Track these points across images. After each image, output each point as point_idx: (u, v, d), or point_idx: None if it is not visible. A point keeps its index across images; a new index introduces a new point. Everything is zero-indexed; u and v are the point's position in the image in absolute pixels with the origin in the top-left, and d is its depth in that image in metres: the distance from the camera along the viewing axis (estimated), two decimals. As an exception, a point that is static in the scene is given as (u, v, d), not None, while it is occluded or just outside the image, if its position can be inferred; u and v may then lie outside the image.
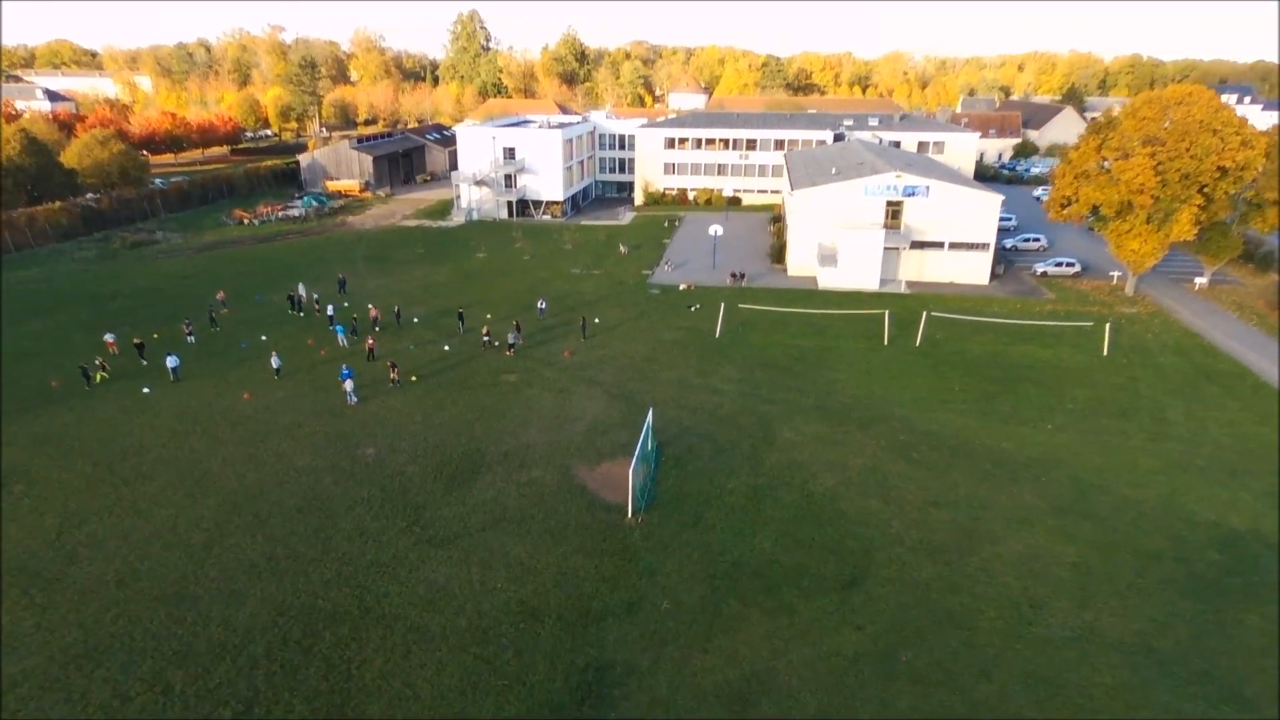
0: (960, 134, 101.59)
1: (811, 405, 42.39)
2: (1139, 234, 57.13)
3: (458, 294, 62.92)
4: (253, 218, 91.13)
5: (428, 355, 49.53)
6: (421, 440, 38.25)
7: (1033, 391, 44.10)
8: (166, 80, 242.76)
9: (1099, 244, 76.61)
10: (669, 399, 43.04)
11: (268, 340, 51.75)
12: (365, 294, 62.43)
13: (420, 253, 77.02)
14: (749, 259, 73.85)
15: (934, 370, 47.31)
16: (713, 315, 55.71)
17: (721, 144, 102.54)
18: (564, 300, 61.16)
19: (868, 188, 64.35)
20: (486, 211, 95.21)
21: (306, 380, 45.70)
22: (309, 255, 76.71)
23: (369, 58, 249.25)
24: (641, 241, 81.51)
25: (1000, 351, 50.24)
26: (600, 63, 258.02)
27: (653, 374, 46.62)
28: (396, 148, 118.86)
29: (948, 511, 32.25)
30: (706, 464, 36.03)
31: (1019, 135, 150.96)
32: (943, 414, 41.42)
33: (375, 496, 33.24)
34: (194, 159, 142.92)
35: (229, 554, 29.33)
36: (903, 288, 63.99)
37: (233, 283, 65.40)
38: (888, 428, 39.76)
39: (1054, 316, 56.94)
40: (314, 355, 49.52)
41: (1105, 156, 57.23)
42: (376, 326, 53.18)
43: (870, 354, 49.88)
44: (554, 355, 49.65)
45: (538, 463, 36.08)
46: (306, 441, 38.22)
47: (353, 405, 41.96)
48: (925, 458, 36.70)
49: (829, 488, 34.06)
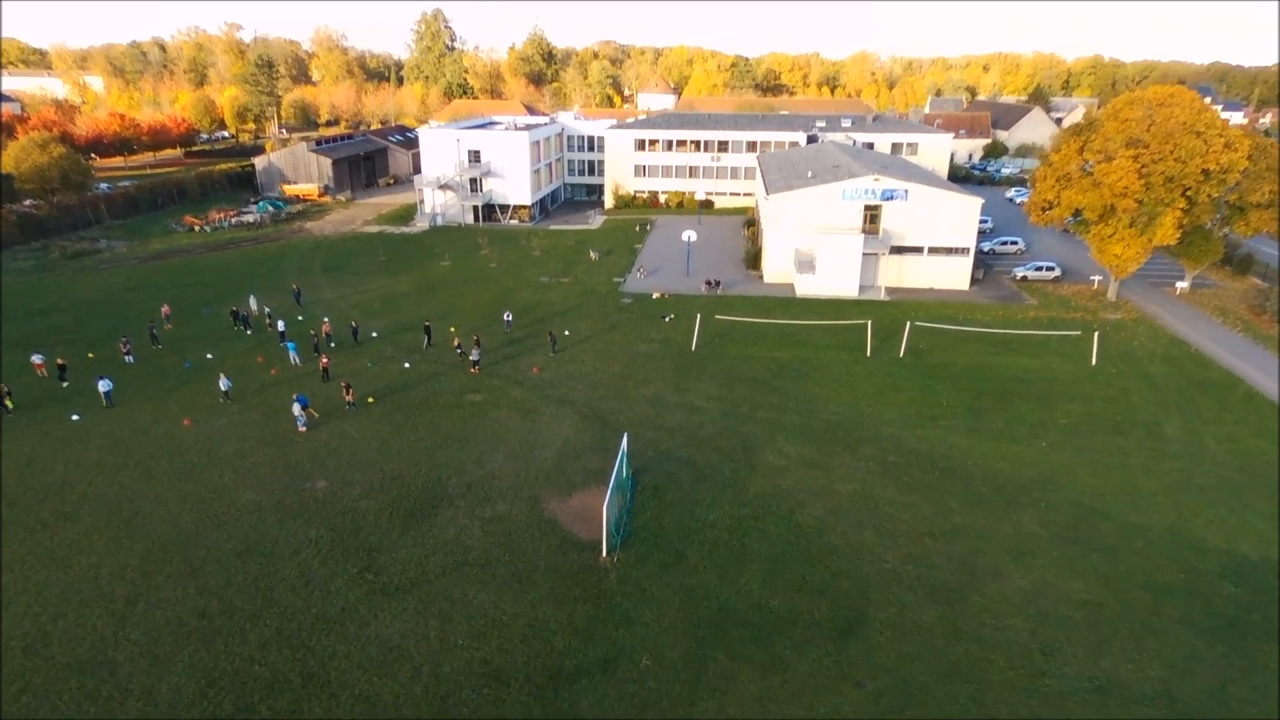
0: (934, 135, 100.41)
1: (795, 424, 40.11)
2: (1122, 238, 55.81)
3: (420, 305, 59.81)
4: (204, 224, 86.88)
5: (387, 374, 46.45)
6: (378, 471, 35.28)
7: (1023, 406, 42.26)
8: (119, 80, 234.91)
9: (1077, 246, 75.80)
10: (644, 419, 40.51)
11: (214, 359, 48.35)
12: (322, 306, 59.09)
13: (381, 261, 73.65)
14: (724, 265, 71.60)
15: (920, 383, 45.32)
16: (688, 326, 53.32)
17: (693, 146, 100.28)
18: (532, 311, 58.35)
19: (845, 191, 62.40)
20: (451, 217, 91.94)
21: (255, 403, 42.41)
22: (263, 264, 72.95)
23: (330, 57, 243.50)
24: (612, 247, 78.91)
25: (987, 362, 48.44)
26: (568, 63, 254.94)
27: (627, 391, 44.05)
28: (357, 150, 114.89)
29: (945, 543, 30.10)
30: (686, 492, 33.54)
31: (989, 136, 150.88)
32: (932, 431, 39.37)
33: (324, 538, 30.23)
34: (145, 162, 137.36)
35: (156, 610, 26.18)
36: (882, 294, 62.13)
37: (180, 295, 61.63)
38: (876, 448, 37.60)
39: (1038, 324, 55.39)
40: (264, 375, 46.20)
41: (1087, 159, 55.80)
42: (330, 343, 49.85)
43: (853, 366, 47.78)
44: (522, 371, 46.87)
45: (504, 495, 33.32)
46: (251, 474, 35.04)
47: (303, 431, 38.80)
48: (917, 481, 34.57)
49: (818, 518, 31.75)
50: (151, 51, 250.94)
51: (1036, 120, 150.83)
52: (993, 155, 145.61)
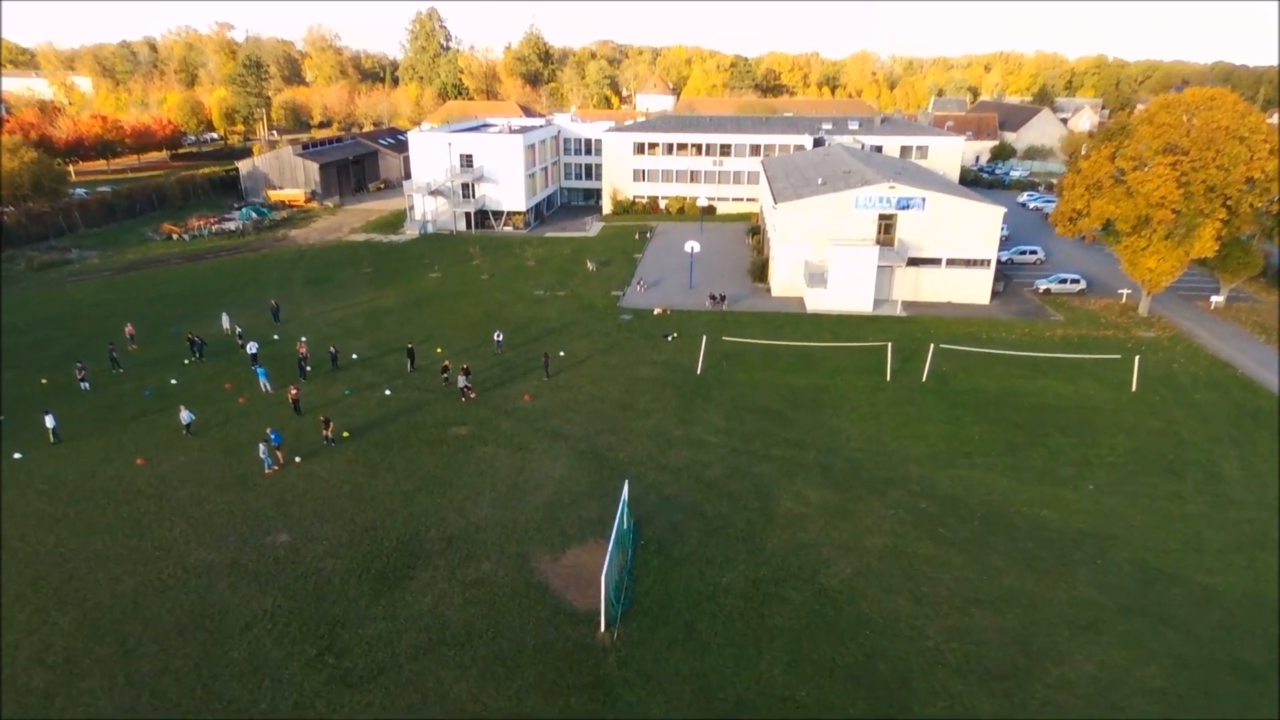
0: (945, 138, 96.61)
1: (813, 462, 36.28)
2: (1156, 251, 52.05)
3: (405, 323, 55.95)
4: (183, 232, 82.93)
5: (365, 403, 42.55)
6: (348, 521, 31.41)
7: (1063, 440, 38.45)
8: (108, 81, 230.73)
9: (1100, 256, 72.11)
10: (646, 457, 36.68)
11: (179, 385, 44.52)
12: (301, 323, 55.21)
13: (367, 272, 69.72)
14: (728, 277, 67.76)
15: (947, 413, 41.52)
16: (692, 346, 49.51)
17: (694, 149, 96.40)
18: (526, 329, 54.48)
19: (858, 200, 58.59)
20: (443, 224, 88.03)
21: (218, 438, 38.54)
22: (242, 276, 69.05)
23: (323, 57, 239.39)
24: (611, 256, 75.05)
25: (1017, 388, 44.65)
26: (565, 63, 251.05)
27: (626, 423, 40.19)
28: (346, 154, 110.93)
29: (993, 613, 26.28)
30: (695, 549, 29.71)
31: (996, 137, 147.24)
32: (966, 471, 35.56)
33: (281, 608, 26.36)
34: (129, 165, 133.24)
35: (75, 708, 22.30)
36: (898, 309, 58.32)
37: (149, 311, 57.80)
38: (905, 492, 33.78)
39: (1067, 343, 51.63)
40: (231, 404, 42.32)
41: (1120, 166, 52.02)
42: (305, 367, 45.90)
43: (873, 393, 43.97)
44: (513, 399, 43.02)
45: (489, 552, 29.47)
46: (205, 525, 31.17)
47: (268, 474, 34.90)
48: (955, 534, 30.77)
49: (845, 580, 27.93)
50: (142, 51, 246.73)
51: (1045, 122, 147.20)
52: (1000, 157, 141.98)
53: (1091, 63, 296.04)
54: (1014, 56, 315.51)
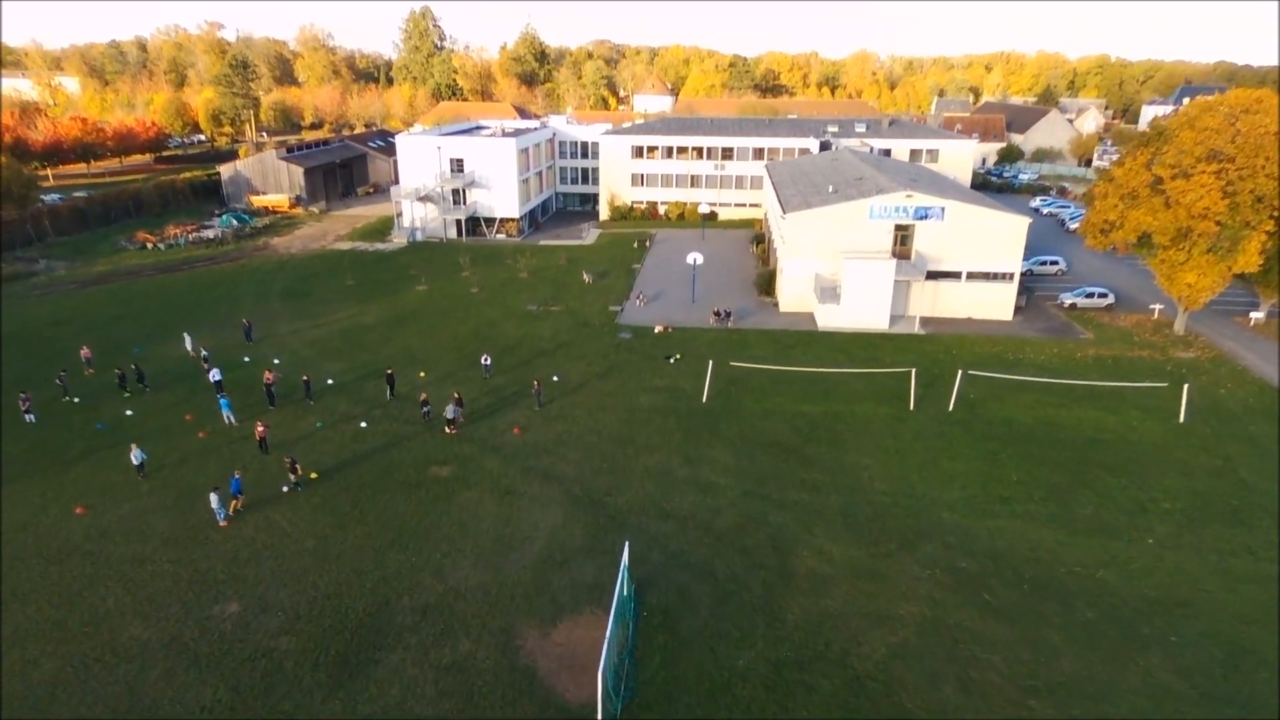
0: (955, 141, 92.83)
1: (834, 509, 32.45)
2: (1196, 265, 48.29)
3: (387, 342, 52.06)
4: (158, 241, 78.90)
5: (338, 438, 38.63)
6: (309, 586, 27.52)
7: (1111, 482, 34.63)
8: (96, 81, 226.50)
9: (1123, 266, 68.40)
10: (648, 503, 32.83)
11: (135, 416, 40.59)
12: (275, 343, 51.34)
13: (350, 285, 65.77)
14: (732, 290, 63.90)
15: (979, 448, 37.69)
16: (696, 368, 45.72)
17: (694, 153, 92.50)
18: (516, 349, 50.60)
19: (873, 209, 54.75)
20: (432, 231, 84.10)
21: (172, 480, 34.64)
22: (217, 289, 65.08)
23: (315, 57, 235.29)
24: (608, 267, 71.17)
25: (1054, 418, 40.83)
26: (561, 63, 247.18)
27: (626, 461, 36.32)
28: (334, 157, 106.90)
29: (1056, 707, 22.45)
30: (705, 621, 25.85)
31: (1003, 139, 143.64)
32: (1006, 521, 31.73)
33: (222, 702, 22.47)
34: (110, 169, 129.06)
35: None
36: (916, 326, 54.49)
37: (113, 329, 53.92)
38: (940, 546, 29.95)
39: (1101, 365, 47.87)
40: (190, 438, 38.42)
41: (1158, 175, 48.21)
42: (272, 396, 41.85)
43: (896, 424, 40.13)
44: (501, 432, 39.15)
45: (468, 626, 25.59)
46: (145, 591, 27.27)
47: (223, 526, 30.99)
48: (1002, 600, 26.93)
49: (880, 663, 24.08)
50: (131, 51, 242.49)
51: (1054, 123, 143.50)
52: (1008, 160, 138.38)
53: (1094, 62, 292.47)
54: (1015, 56, 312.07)
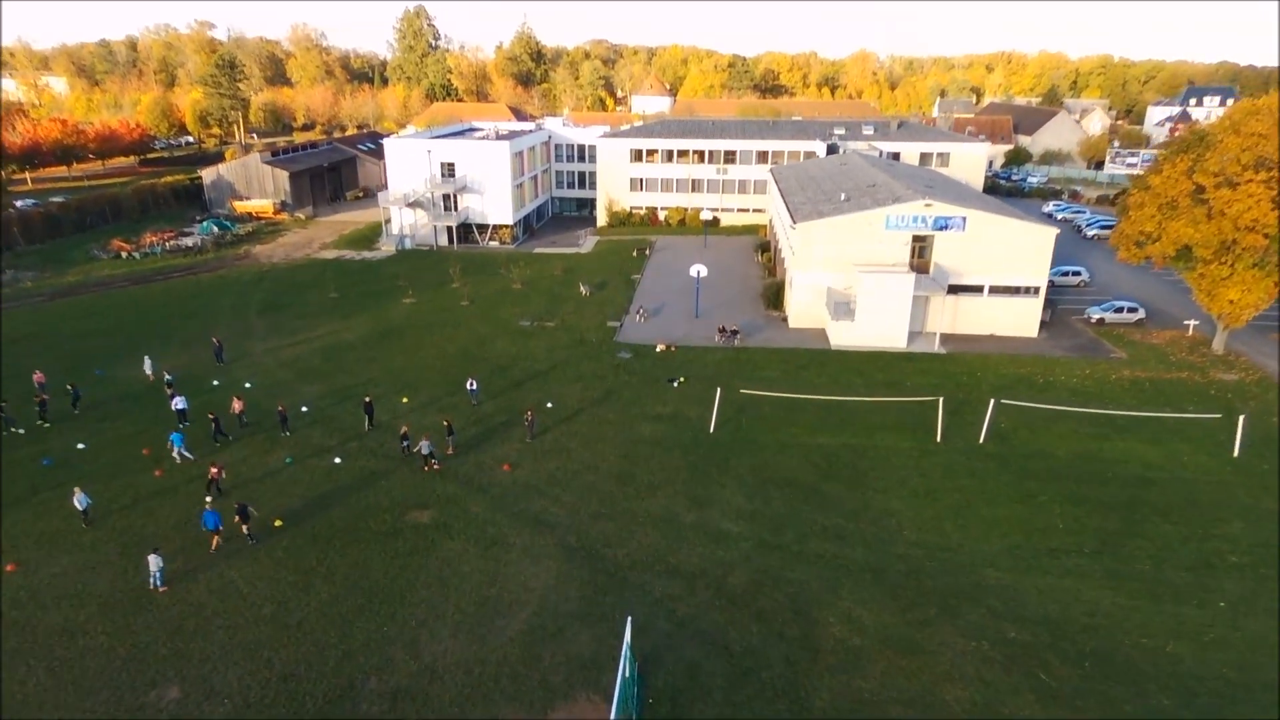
0: (967, 144, 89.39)
1: (861, 564, 28.87)
2: (1241, 280, 44.83)
3: (369, 362, 48.45)
4: (134, 250, 75.16)
5: (309, 475, 34.98)
6: (263, 665, 23.88)
7: (1168, 530, 31.11)
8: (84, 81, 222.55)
9: (1149, 277, 64.90)
10: (651, 556, 29.24)
11: (87, 450, 36.92)
12: (248, 364, 47.73)
13: (333, 298, 62.08)
14: (737, 303, 60.33)
15: (1017, 487, 34.14)
16: (701, 393, 42.20)
17: (696, 156, 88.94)
18: (508, 370, 47.01)
19: (890, 219, 51.20)
20: (422, 238, 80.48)
21: (121, 526, 31.04)
22: (192, 302, 61.41)
23: (308, 57, 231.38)
24: (606, 278, 67.57)
25: (1094, 451, 37.30)
26: (558, 63, 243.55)
27: (626, 504, 32.73)
28: (321, 160, 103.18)
29: (1141, 827, 18.92)
30: (719, 708, 22.27)
31: (1011, 141, 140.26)
32: (1057, 579, 28.15)
33: (148, 825, 18.87)
34: (93, 172, 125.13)
35: None
36: (936, 345, 50.94)
37: (75, 348, 50.28)
38: (985, 611, 26.38)
39: (1139, 389, 44.39)
40: (146, 477, 34.77)
41: (1199, 183, 44.72)
42: (218, 435, 37.49)
43: (922, 459, 36.57)
44: (488, 469, 35.54)
45: (447, 714, 21.96)
46: (73, 671, 23.62)
47: (163, 591, 27.26)
48: (1062, 681, 23.35)
49: (928, 765, 20.52)
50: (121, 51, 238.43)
51: (1062, 124, 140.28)
52: (1015, 162, 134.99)
53: (1097, 62, 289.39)
54: (1017, 56, 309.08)
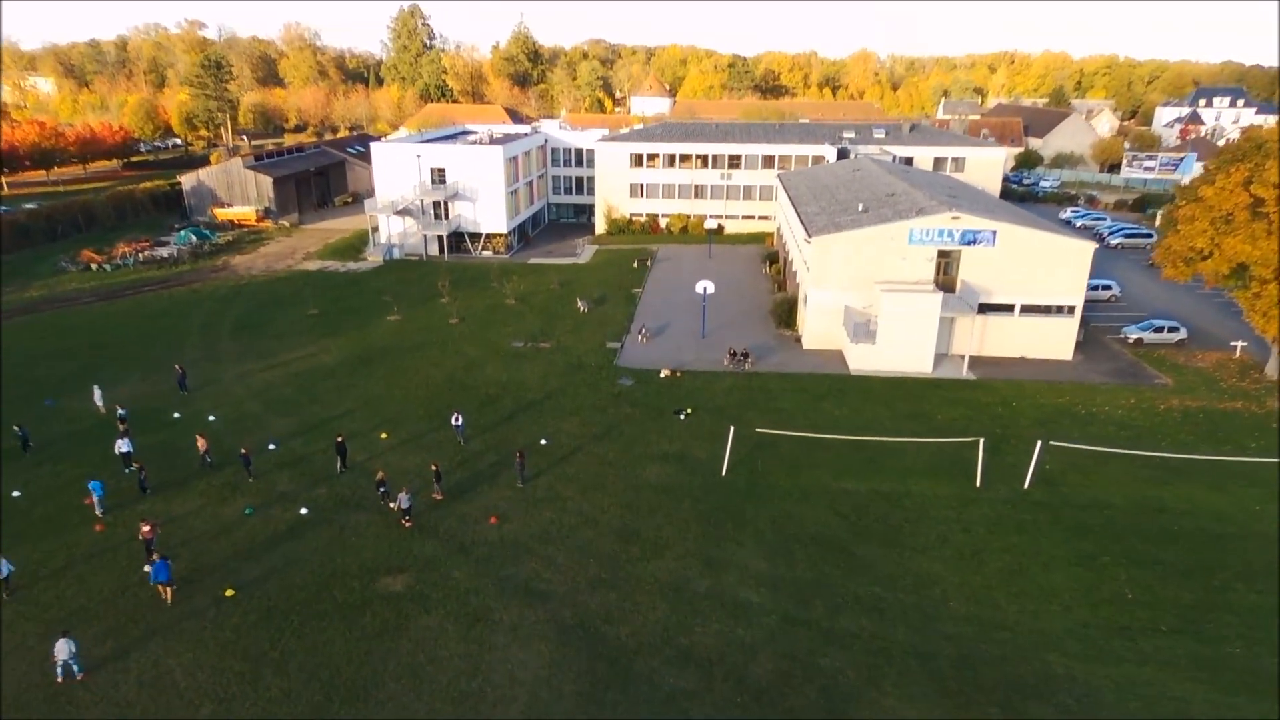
0: (984, 148, 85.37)
1: (904, 647, 24.76)
2: (1303, 302, 40.85)
3: (347, 389, 44.33)
4: (105, 261, 70.94)
5: (269, 529, 30.86)
6: (193, 789, 19.79)
7: (1256, 601, 27.03)
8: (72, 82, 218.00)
9: (1181, 291, 60.76)
10: (661, 635, 25.14)
11: (21, 499, 32.77)
12: (215, 393, 43.61)
13: (312, 315, 57.85)
14: (746, 320, 56.23)
15: (1073, 548, 30.04)
16: (711, 428, 38.21)
17: (698, 161, 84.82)
18: (498, 401, 42.90)
19: (914, 233, 47.19)
20: (411, 248, 76.38)
21: (45, 597, 26.95)
22: (162, 320, 57.24)
23: (300, 57, 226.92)
24: (605, 291, 63.45)
25: (1154, 499, 33.25)
26: (555, 63, 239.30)
27: (630, 567, 28.64)
28: (307, 165, 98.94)
29: None
30: None
31: (1021, 144, 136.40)
32: (1135, 668, 24.06)
33: None
34: (73, 176, 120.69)
35: None
36: (964, 370, 46.89)
37: (28, 372, 46.17)
38: (1057, 713, 22.26)
39: (1191, 421, 40.37)
40: (85, 531, 30.66)
41: (1258, 195, 40.71)
42: (144, 488, 32.91)
43: (962, 510, 32.49)
44: (473, 522, 31.44)
45: None
46: (-36, 799, 19.52)
47: (79, 680, 23.15)
48: (1159, 814, 19.31)
49: None
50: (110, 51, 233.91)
51: (1075, 126, 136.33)
52: (1026, 165, 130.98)
53: (1102, 62, 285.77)
54: (1020, 57, 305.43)
